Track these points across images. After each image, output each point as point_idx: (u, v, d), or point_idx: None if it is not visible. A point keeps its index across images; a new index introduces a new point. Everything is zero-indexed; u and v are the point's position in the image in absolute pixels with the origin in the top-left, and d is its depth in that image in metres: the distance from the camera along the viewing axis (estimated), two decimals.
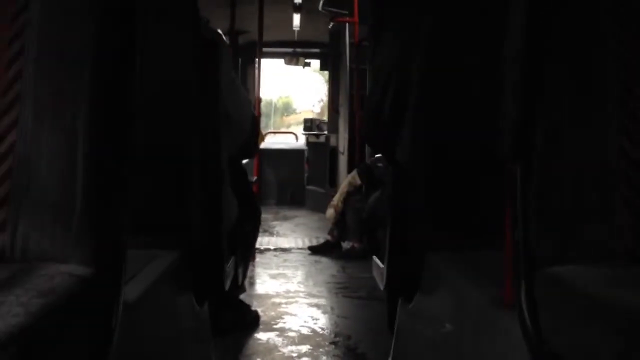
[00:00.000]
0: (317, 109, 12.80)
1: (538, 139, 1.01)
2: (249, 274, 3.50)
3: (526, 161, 1.02)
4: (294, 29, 6.72)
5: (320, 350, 2.63)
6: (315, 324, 2.98)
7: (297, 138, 9.82)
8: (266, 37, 5.01)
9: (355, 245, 4.61)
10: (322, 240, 4.98)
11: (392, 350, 2.00)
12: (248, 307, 2.98)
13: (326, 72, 8.70)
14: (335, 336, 2.81)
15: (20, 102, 0.94)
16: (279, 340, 2.72)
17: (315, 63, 8.66)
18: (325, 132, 8.13)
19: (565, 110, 1.01)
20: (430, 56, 1.72)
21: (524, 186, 1.02)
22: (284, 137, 10.64)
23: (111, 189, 0.98)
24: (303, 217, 6.86)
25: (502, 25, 1.10)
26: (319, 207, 6.65)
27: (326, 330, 2.89)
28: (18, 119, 0.93)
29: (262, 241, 5.08)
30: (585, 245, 0.99)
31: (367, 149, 5.69)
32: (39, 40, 0.95)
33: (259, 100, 4.97)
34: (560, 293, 0.93)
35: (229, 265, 2.03)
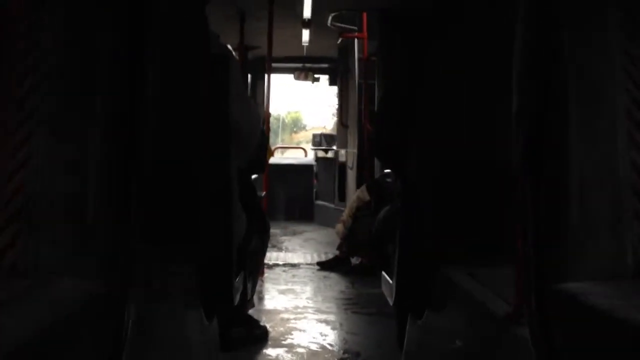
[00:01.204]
0: (330, 125, 11.51)
1: (548, 152, 1.00)
2: (257, 289, 3.50)
3: (536, 175, 1.02)
4: (303, 44, 6.76)
5: None
6: (324, 340, 2.96)
7: (306, 153, 9.84)
8: (275, 53, 5.03)
9: (365, 260, 4.59)
10: (331, 256, 4.96)
11: None
12: (257, 322, 2.97)
13: None
14: (345, 352, 2.79)
15: (34, 116, 0.94)
16: (287, 356, 2.71)
17: (324, 78, 8.69)
18: (334, 147, 8.14)
19: (574, 124, 1.01)
20: (438, 71, 1.72)
21: (533, 200, 1.02)
22: (293, 152, 10.66)
23: (122, 204, 0.99)
24: (312, 232, 6.85)
25: (510, 40, 1.10)
26: (328, 222, 6.65)
27: (335, 347, 2.87)
28: (31, 134, 0.94)
29: (271, 256, 5.08)
30: (596, 260, 0.98)
31: (376, 164, 5.69)
32: (52, 55, 0.96)
33: (268, 115, 4.99)
34: (571, 309, 0.92)
35: (238, 280, 2.03)
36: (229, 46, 2.18)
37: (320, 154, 8.50)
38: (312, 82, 8.49)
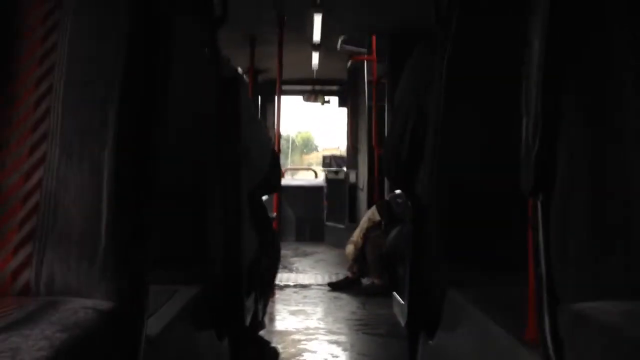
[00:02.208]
0: (344, 146, 10.21)
1: (558, 172, 1.01)
2: (268, 310, 3.49)
3: (547, 195, 1.02)
4: (313, 67, 6.81)
5: None
6: None
7: (316, 175, 9.86)
8: (285, 75, 5.08)
9: (375, 281, 4.57)
10: (341, 277, 4.95)
11: None
12: (267, 343, 2.96)
13: None
14: None
15: (48, 140, 0.96)
16: None
17: (334, 100, 8.74)
18: (344, 169, 8.17)
19: (584, 143, 1.01)
20: (447, 92, 1.73)
21: (545, 220, 1.02)
22: (303, 174, 10.67)
23: (135, 225, 0.99)
24: (322, 254, 6.83)
25: (520, 60, 1.10)
26: (339, 243, 6.63)
27: None
28: (45, 156, 0.96)
29: (282, 277, 5.07)
30: (609, 280, 0.98)
31: (386, 184, 5.69)
32: (66, 79, 0.98)
33: (279, 136, 5.02)
34: (585, 329, 0.91)
35: (249, 301, 2.03)
36: (239, 69, 2.21)
37: (331, 175, 8.53)
38: (322, 104, 8.54)
